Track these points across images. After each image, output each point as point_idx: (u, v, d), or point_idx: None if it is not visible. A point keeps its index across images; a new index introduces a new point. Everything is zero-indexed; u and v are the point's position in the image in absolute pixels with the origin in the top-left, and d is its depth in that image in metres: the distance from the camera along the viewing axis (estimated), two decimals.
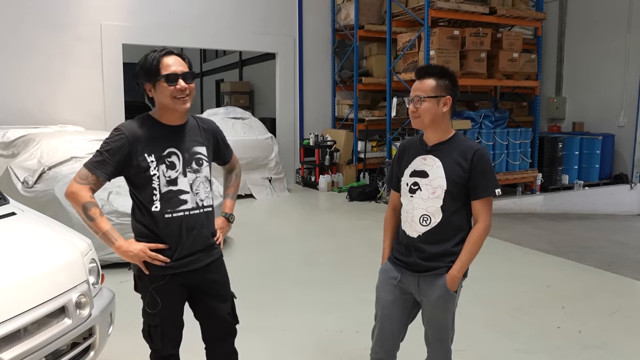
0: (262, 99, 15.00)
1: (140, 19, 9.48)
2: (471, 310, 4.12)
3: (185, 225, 2.24)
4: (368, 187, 9.38)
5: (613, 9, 10.15)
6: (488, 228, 2.32)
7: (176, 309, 2.32)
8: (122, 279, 4.89)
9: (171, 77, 2.17)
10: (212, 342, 2.47)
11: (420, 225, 2.33)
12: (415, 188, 2.35)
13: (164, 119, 2.27)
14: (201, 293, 2.37)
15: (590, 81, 10.65)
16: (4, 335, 2.19)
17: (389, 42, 9.12)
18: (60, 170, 5.76)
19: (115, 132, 2.23)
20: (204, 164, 2.32)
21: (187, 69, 2.23)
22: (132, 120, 2.29)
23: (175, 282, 2.27)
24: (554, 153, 9.44)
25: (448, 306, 2.35)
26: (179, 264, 2.26)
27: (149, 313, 2.31)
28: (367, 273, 5.19)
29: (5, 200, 3.19)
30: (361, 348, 3.64)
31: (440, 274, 2.32)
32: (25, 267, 2.48)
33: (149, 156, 2.20)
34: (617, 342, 3.75)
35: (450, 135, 2.35)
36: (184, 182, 2.24)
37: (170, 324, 2.31)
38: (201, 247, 2.31)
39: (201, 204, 2.29)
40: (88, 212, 2.17)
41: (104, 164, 2.19)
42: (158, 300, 2.26)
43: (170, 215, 2.22)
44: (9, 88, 8.53)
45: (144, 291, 2.32)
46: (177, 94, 2.19)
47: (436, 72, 2.30)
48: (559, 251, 6.12)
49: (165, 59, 2.19)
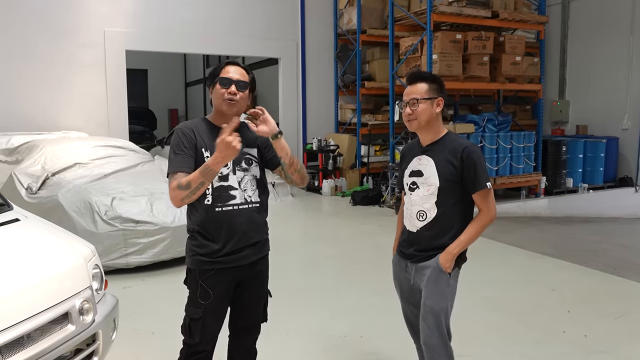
0: (265, 104, 14.98)
1: (144, 25, 9.52)
2: (476, 315, 4.10)
3: (234, 219, 2.35)
4: (371, 191, 9.37)
5: (616, 12, 10.13)
6: (491, 216, 2.44)
7: (221, 303, 2.41)
8: (126, 284, 4.89)
9: (224, 80, 2.34)
10: (238, 334, 2.55)
11: (418, 221, 2.50)
12: (414, 187, 2.53)
13: (217, 121, 2.40)
14: (245, 286, 2.46)
15: (593, 84, 10.63)
16: (8, 342, 2.19)
17: (392, 47, 9.12)
18: (64, 176, 5.77)
19: (175, 133, 2.38)
20: (254, 163, 2.44)
21: (243, 79, 2.38)
22: (188, 121, 2.47)
23: (223, 276, 2.36)
24: (558, 156, 9.41)
25: (439, 281, 2.43)
26: (227, 259, 2.35)
27: (195, 306, 2.37)
28: (371, 278, 5.19)
29: (9, 207, 3.19)
30: (366, 353, 3.62)
31: (434, 256, 2.45)
32: (29, 273, 2.48)
33: (205, 151, 2.34)
34: (623, 346, 3.73)
35: (441, 135, 2.50)
36: (233, 179, 2.38)
37: (212, 318, 2.39)
38: (250, 243, 2.40)
39: (249, 200, 2.40)
40: (183, 186, 2.20)
41: (183, 160, 2.29)
42: (210, 292, 2.34)
43: (220, 209, 2.34)
44: (13, 94, 8.57)
45: (192, 285, 2.39)
46: (227, 96, 2.34)
47: (427, 76, 2.49)
48: (563, 255, 6.09)
49: (227, 67, 2.40)
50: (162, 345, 3.59)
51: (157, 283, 5.02)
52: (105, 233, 5.05)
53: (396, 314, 2.80)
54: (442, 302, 2.43)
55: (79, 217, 5.14)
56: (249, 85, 2.41)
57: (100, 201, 5.22)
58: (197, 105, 19.32)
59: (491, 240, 6.66)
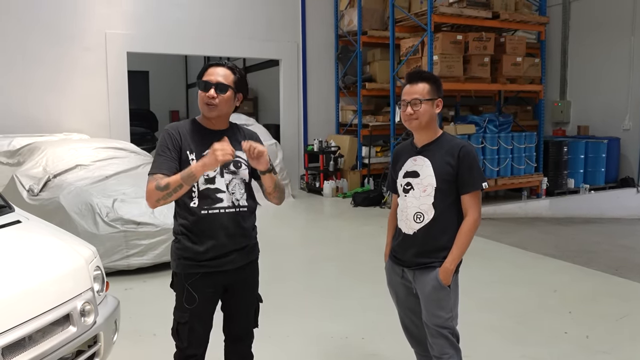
0: (266, 106, 15.04)
1: (144, 27, 9.53)
2: (477, 316, 4.10)
3: (221, 222, 2.33)
4: (372, 192, 9.37)
5: (617, 12, 10.12)
6: (477, 221, 2.43)
7: (208, 307, 2.39)
8: (127, 286, 4.90)
9: (202, 84, 2.34)
10: (232, 341, 2.54)
11: (415, 223, 2.46)
12: (409, 188, 2.50)
13: (205, 123, 2.42)
14: (233, 291, 2.45)
15: (594, 84, 10.62)
16: (9, 344, 2.19)
17: (392, 48, 9.12)
18: (66, 178, 5.78)
19: (162, 133, 2.38)
20: (242, 166, 2.42)
21: (225, 81, 2.33)
22: (177, 122, 2.46)
23: (209, 280, 2.34)
24: (559, 157, 9.40)
25: (441, 298, 2.42)
26: (213, 264, 2.33)
27: (181, 310, 2.36)
28: (372, 279, 5.17)
29: (11, 209, 3.20)
30: (367, 354, 3.62)
31: (433, 267, 2.43)
32: (30, 275, 2.49)
33: (190, 154, 2.32)
34: (624, 347, 3.72)
35: (437, 136, 2.50)
36: (220, 182, 2.35)
37: (199, 322, 2.37)
38: (237, 247, 2.37)
39: (237, 204, 2.38)
40: (161, 187, 2.20)
41: (164, 162, 2.28)
42: (195, 296, 2.32)
43: (207, 211, 2.31)
44: (14, 97, 8.58)
45: (178, 288, 2.39)
46: (206, 100, 2.33)
47: (429, 77, 2.48)
48: (565, 256, 6.08)
49: (210, 69, 2.37)
50: (164, 346, 3.57)
51: (158, 284, 5.02)
52: (107, 235, 5.06)
53: (397, 315, 2.79)
54: (446, 315, 2.42)
55: (80, 219, 5.15)
56: (230, 87, 2.34)
57: (101, 203, 5.22)
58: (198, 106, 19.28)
59: (492, 241, 6.66)
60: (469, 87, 8.73)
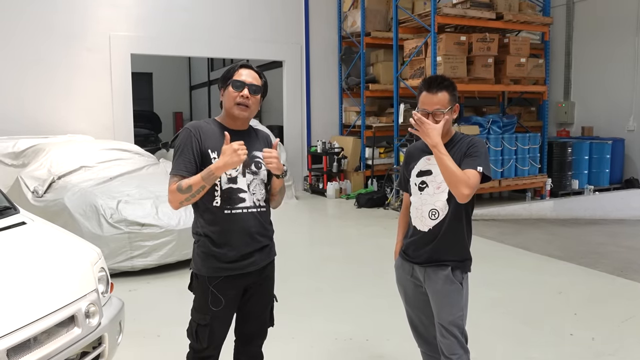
0: (269, 107, 15.05)
1: (148, 29, 9.56)
2: (482, 317, 4.09)
3: (244, 222, 2.33)
4: (376, 193, 9.36)
5: (621, 13, 10.10)
6: (465, 187, 2.25)
7: (229, 309, 2.38)
8: (132, 287, 4.90)
9: (237, 83, 2.33)
10: (244, 340, 2.53)
11: (430, 220, 2.48)
12: (423, 186, 2.52)
13: (228, 123, 2.40)
14: (252, 291, 2.44)
15: (598, 85, 10.59)
16: (14, 345, 2.19)
17: (396, 49, 9.12)
18: (70, 179, 5.80)
19: (183, 131, 2.36)
20: (262, 167, 2.42)
21: (256, 83, 2.36)
22: (198, 121, 2.43)
23: (233, 282, 2.34)
24: (563, 158, 9.37)
25: (452, 294, 2.43)
26: (237, 266, 2.33)
27: (201, 312, 2.35)
28: (376, 280, 5.18)
29: (16, 210, 3.21)
30: (372, 355, 3.61)
31: (446, 266, 2.44)
32: (35, 276, 2.49)
33: (212, 152, 2.31)
34: (631, 348, 3.70)
35: (451, 136, 2.51)
36: (242, 182, 2.35)
37: (220, 323, 2.37)
38: (258, 247, 2.38)
39: (258, 204, 2.39)
40: (183, 189, 2.21)
41: (185, 162, 2.27)
42: (221, 299, 2.32)
43: (230, 211, 2.31)
44: (19, 99, 8.62)
45: (200, 291, 2.36)
46: (240, 100, 2.32)
47: (448, 85, 2.44)
48: (569, 257, 6.06)
49: (241, 69, 2.37)
50: (168, 348, 3.59)
51: (162, 286, 5.03)
52: (111, 236, 5.07)
53: (402, 316, 2.79)
54: (456, 312, 2.42)
55: (84, 220, 5.16)
56: (262, 90, 2.39)
57: (106, 204, 5.23)
58: (201, 108, 19.36)
59: (497, 243, 6.64)
60: (473, 88, 8.71)
